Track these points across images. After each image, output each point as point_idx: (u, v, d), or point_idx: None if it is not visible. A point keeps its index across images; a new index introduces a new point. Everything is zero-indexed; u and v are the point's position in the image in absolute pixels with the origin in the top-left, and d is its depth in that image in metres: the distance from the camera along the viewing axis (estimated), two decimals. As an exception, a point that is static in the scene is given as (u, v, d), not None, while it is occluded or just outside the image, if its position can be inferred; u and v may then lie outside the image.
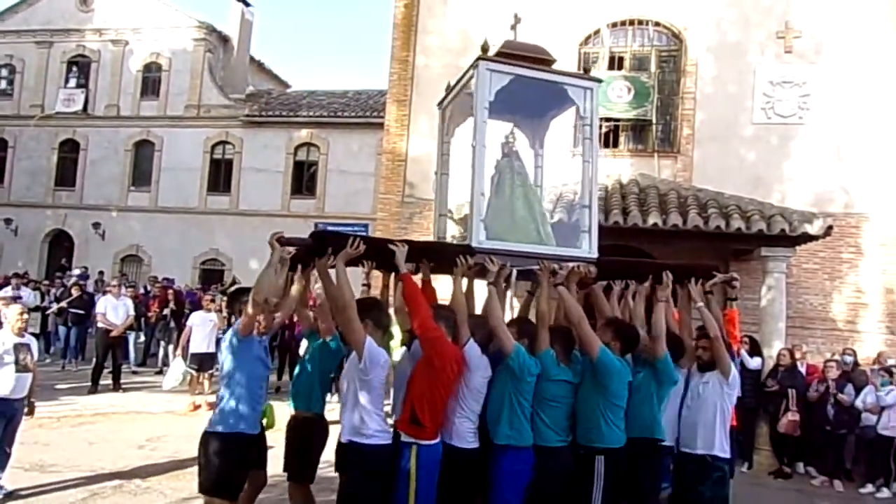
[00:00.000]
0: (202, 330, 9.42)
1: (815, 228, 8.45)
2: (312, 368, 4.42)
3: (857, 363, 8.53)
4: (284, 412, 4.54)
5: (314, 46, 60.96)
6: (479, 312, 4.12)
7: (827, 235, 8.70)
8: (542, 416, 3.90)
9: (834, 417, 7.73)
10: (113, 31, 21.17)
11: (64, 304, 12.39)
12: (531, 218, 4.42)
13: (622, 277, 4.41)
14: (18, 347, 5.33)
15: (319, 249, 3.87)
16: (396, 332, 4.53)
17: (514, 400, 3.83)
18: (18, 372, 5.28)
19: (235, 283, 8.60)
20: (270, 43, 53.95)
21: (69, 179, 21.30)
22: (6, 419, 5.30)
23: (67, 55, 21.51)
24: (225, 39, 21.51)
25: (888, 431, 7.46)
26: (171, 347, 12.09)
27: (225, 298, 9.17)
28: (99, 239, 20.59)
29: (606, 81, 11.10)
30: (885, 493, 7.44)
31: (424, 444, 3.67)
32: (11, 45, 21.81)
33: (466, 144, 4.36)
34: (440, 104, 5.08)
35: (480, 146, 4.13)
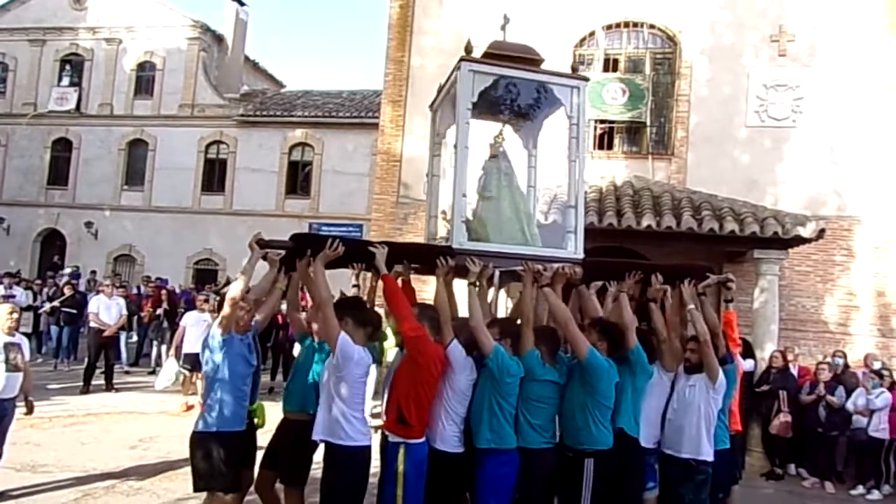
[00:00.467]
0: (196, 330, 9.37)
1: (807, 231, 8.50)
2: (306, 370, 4.41)
3: (847, 365, 8.59)
4: (277, 412, 4.51)
5: (309, 46, 60.91)
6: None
7: (819, 238, 8.75)
8: (527, 416, 3.87)
9: (825, 419, 7.78)
10: (106, 29, 21.08)
11: (56, 303, 12.33)
12: (516, 219, 4.39)
13: (610, 279, 4.34)
14: (8, 347, 5.29)
15: (299, 251, 3.92)
16: (390, 332, 4.52)
17: (494, 402, 3.78)
18: (8, 371, 5.23)
19: (229, 282, 8.57)
20: (265, 42, 53.89)
21: (62, 178, 21.18)
22: (-3, 419, 5.26)
23: (60, 53, 21.40)
24: (219, 39, 21.45)
25: (879, 433, 7.51)
26: (164, 347, 12.05)
27: (218, 298, 9.15)
28: (92, 238, 20.49)
29: (601, 83, 11.17)
30: (875, 494, 7.48)
31: (413, 443, 3.68)
32: (4, 43, 21.65)
33: (448, 148, 4.43)
34: (431, 106, 5.09)
35: (463, 147, 4.11)
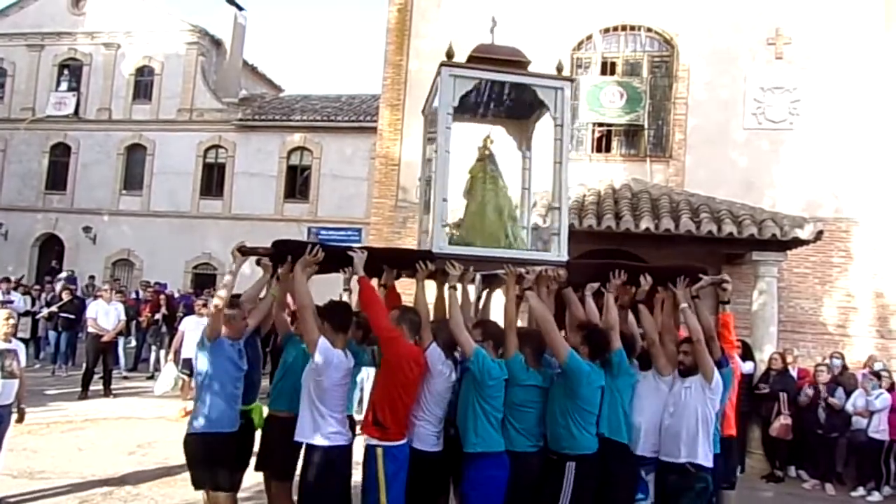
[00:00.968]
0: (195, 335, 9.27)
1: (805, 233, 8.51)
2: (297, 372, 4.40)
3: (845, 366, 8.59)
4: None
5: (308, 51, 60.98)
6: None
7: (817, 240, 8.76)
8: (512, 421, 3.87)
9: (825, 421, 7.78)
10: (105, 34, 21.08)
11: (54, 308, 12.30)
12: (500, 222, 4.38)
13: (595, 281, 4.30)
14: (4, 353, 5.26)
15: (281, 257, 4.02)
16: None
17: (478, 405, 3.79)
18: (4, 378, 5.21)
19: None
20: (264, 47, 53.94)
21: (60, 183, 21.16)
22: (-7, 425, 5.24)
23: (59, 58, 21.40)
24: (218, 43, 21.45)
25: (878, 435, 7.51)
26: (162, 352, 12.03)
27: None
28: (90, 243, 20.46)
29: (599, 86, 11.19)
30: (876, 496, 7.49)
31: (389, 445, 3.69)
32: (2, 48, 21.67)
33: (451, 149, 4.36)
34: (423, 111, 5.10)
35: (443, 151, 4.12)
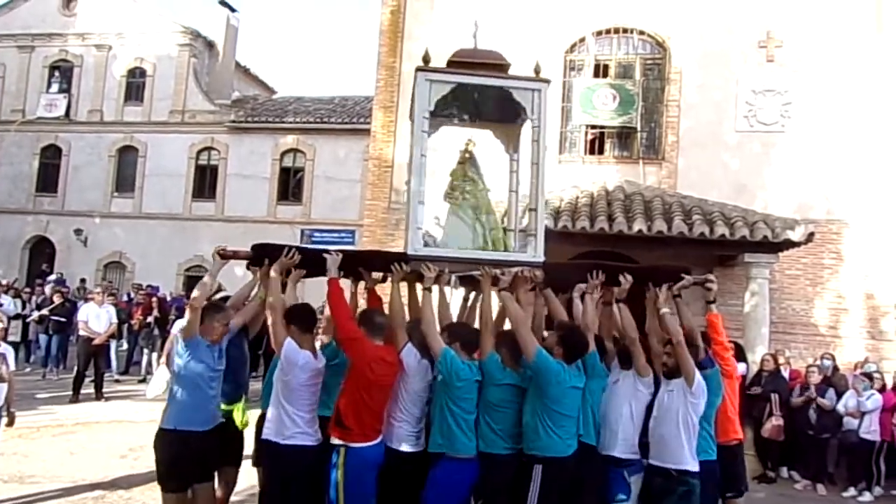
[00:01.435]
0: (186, 338, 9.32)
1: (797, 235, 8.56)
2: None
3: (836, 367, 8.64)
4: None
5: (300, 52, 60.90)
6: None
7: (809, 242, 8.80)
8: (489, 421, 3.86)
9: (816, 422, 7.81)
10: (96, 35, 21.00)
11: (45, 311, 12.21)
12: (478, 224, 4.41)
13: (572, 281, 4.30)
14: (-6, 357, 5.25)
15: (259, 260, 4.13)
16: None
17: (446, 406, 3.80)
18: (-7, 382, 5.19)
19: (221, 290, 8.49)
20: (256, 48, 53.85)
21: (51, 185, 21.05)
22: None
23: (50, 60, 21.31)
24: (210, 45, 21.40)
25: (869, 435, 7.55)
26: (154, 355, 11.95)
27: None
28: (81, 245, 20.35)
29: (592, 89, 11.22)
30: (867, 496, 7.52)
31: (352, 446, 3.71)
32: (-8, 49, 21.57)
33: (438, 153, 4.46)
34: (410, 115, 5.12)
35: (419, 155, 4.16)
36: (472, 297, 4.75)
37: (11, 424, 5.52)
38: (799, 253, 9.89)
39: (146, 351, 12.49)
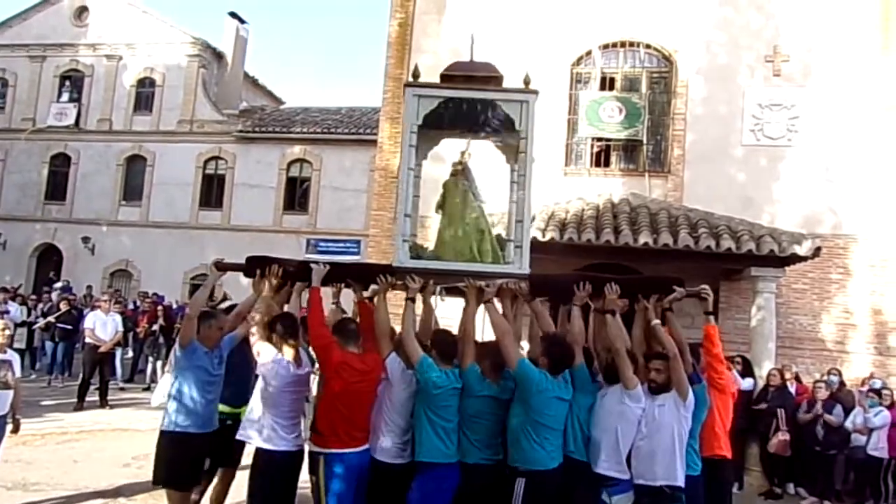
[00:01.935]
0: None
1: (804, 249, 8.52)
2: None
3: (842, 383, 8.57)
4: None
5: (308, 63, 61.35)
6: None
7: (815, 256, 8.77)
8: (467, 432, 3.88)
9: (823, 438, 7.72)
10: (107, 45, 21.22)
11: (51, 318, 12.25)
12: (467, 236, 4.43)
13: (558, 293, 4.27)
14: (-1, 364, 5.27)
15: (252, 271, 4.26)
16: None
17: (424, 414, 3.84)
18: (-1, 389, 5.21)
19: (227, 298, 8.53)
20: (265, 59, 54.28)
21: (59, 193, 21.20)
22: (-13, 436, 5.23)
23: (60, 69, 21.52)
24: (219, 55, 21.60)
25: (877, 452, 7.47)
26: (159, 363, 11.96)
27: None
28: (88, 253, 20.45)
29: (598, 101, 11.26)
30: (875, 514, 7.44)
31: (330, 452, 3.77)
32: (4, 59, 21.81)
33: (436, 166, 4.59)
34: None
35: (406, 168, 4.26)
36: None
37: (16, 431, 5.52)
38: (806, 267, 9.85)
39: (151, 359, 12.50)
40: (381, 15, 12.94)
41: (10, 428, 5.41)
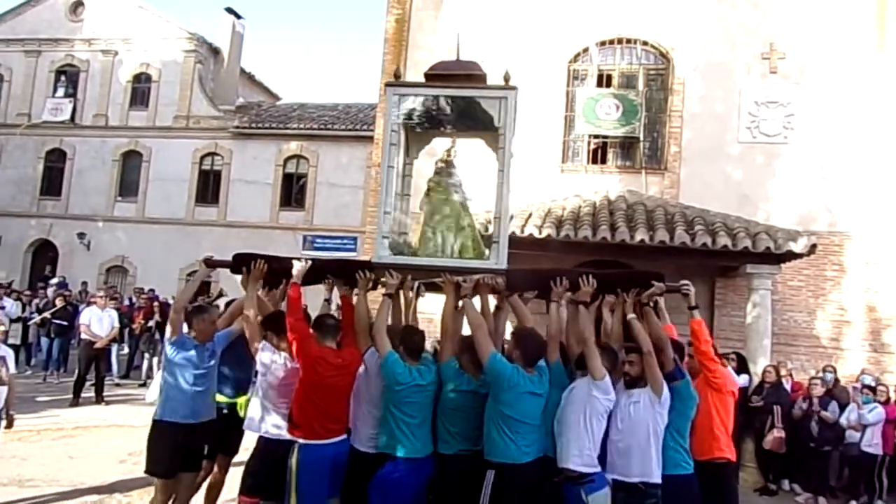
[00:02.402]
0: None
1: (799, 246, 8.55)
2: None
3: (837, 380, 8.61)
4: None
5: (305, 59, 61.17)
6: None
7: (811, 254, 8.79)
8: (446, 424, 3.95)
9: (818, 434, 7.76)
10: (103, 41, 21.10)
11: (47, 314, 12.22)
12: (448, 232, 4.49)
13: (535, 288, 4.27)
14: (-8, 359, 5.26)
15: (238, 268, 4.40)
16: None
17: (387, 409, 3.90)
18: (-8, 384, 5.21)
19: (222, 294, 8.50)
20: (261, 55, 54.12)
21: (55, 189, 21.09)
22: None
23: (56, 64, 21.39)
24: (215, 51, 21.50)
25: (871, 448, 7.51)
26: (155, 360, 11.95)
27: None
28: (84, 249, 20.37)
29: (595, 98, 11.26)
30: (868, 510, 7.48)
31: (304, 442, 3.87)
32: (-1, 53, 21.69)
33: (428, 165, 4.65)
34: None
35: (386, 166, 4.37)
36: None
37: (10, 427, 5.53)
38: (801, 264, 9.89)
39: (147, 355, 12.48)
40: (378, 11, 12.87)
41: (3, 424, 5.41)
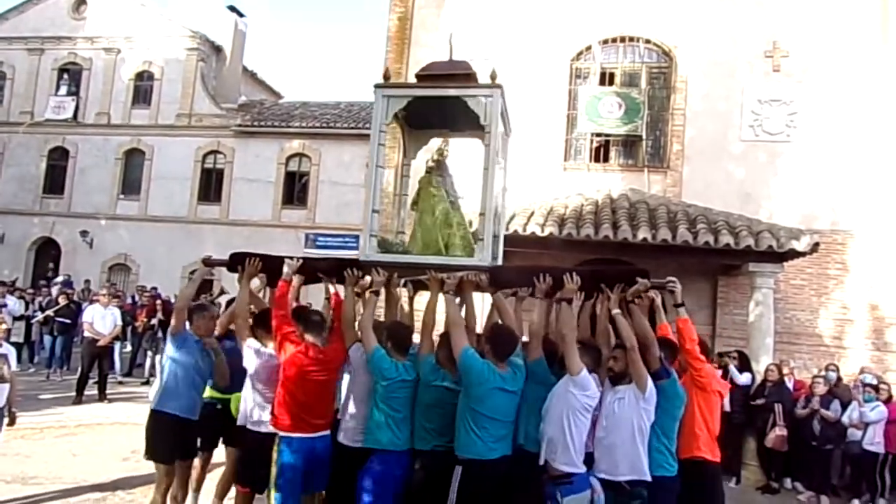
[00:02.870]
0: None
1: (802, 245, 8.53)
2: None
3: (840, 378, 8.60)
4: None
5: (307, 58, 61.16)
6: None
7: (814, 252, 8.78)
8: (423, 420, 3.97)
9: (820, 433, 7.76)
10: (105, 39, 21.12)
11: (50, 312, 12.25)
12: (436, 230, 4.55)
13: (520, 285, 4.27)
14: (-5, 357, 5.28)
15: (234, 266, 4.52)
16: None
17: (374, 403, 3.97)
18: (-5, 382, 5.23)
19: (224, 293, 8.51)
20: (264, 53, 54.11)
21: (58, 187, 21.12)
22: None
23: (59, 62, 21.42)
24: (218, 49, 21.51)
25: (873, 447, 7.51)
26: (158, 357, 11.96)
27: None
28: (87, 247, 20.41)
29: (598, 97, 11.25)
30: (871, 509, 7.47)
31: (284, 435, 3.97)
32: (2, 51, 21.66)
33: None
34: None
35: (375, 166, 4.43)
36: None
37: (13, 424, 5.54)
38: (804, 263, 9.87)
39: (150, 353, 12.51)
40: (380, 9, 12.88)
41: (6, 422, 5.43)
